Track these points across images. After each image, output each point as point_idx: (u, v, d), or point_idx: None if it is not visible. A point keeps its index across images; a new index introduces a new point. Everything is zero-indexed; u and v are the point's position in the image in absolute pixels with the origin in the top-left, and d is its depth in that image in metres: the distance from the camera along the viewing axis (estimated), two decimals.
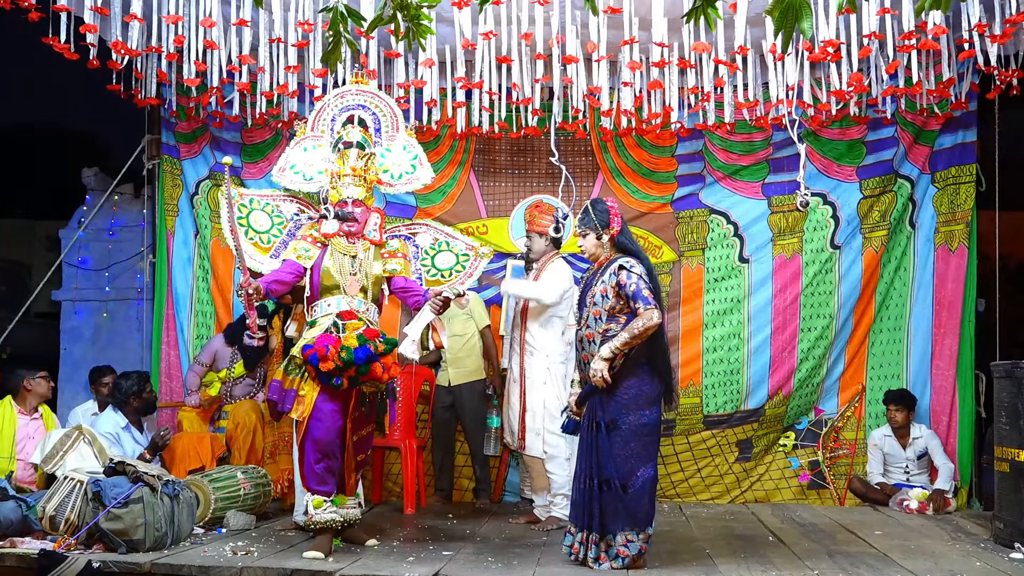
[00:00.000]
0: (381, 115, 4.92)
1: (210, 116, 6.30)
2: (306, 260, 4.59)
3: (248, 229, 4.80)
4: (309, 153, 4.83)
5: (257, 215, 4.84)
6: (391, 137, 4.92)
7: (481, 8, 4.82)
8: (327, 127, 4.86)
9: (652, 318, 4.03)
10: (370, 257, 4.64)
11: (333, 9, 3.18)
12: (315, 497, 4.39)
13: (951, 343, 6.38)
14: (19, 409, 5.45)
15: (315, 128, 4.87)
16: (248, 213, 4.81)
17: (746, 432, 6.51)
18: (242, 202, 4.82)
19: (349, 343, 4.30)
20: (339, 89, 4.98)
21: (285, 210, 4.90)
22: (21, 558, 4.13)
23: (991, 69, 5.31)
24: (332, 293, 4.56)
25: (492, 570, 4.09)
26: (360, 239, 4.63)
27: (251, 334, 6.03)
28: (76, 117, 24.26)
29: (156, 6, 5.35)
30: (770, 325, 6.50)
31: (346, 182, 4.64)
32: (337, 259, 4.58)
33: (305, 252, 4.60)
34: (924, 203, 6.49)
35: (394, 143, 4.92)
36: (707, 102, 5.96)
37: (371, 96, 4.93)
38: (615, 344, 4.06)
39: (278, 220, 4.87)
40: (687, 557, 4.38)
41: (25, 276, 14.01)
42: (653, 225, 6.66)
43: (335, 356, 4.26)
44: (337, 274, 4.55)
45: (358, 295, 4.57)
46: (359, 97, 4.90)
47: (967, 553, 4.56)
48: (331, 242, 4.61)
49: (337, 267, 4.56)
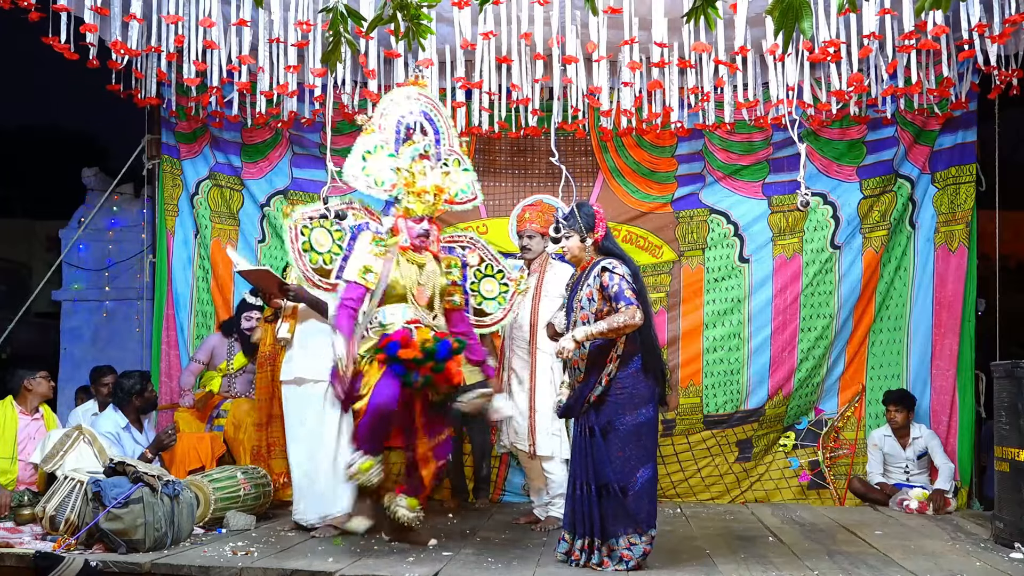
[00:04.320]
0: (440, 127, 4.88)
1: (210, 116, 6.30)
2: (371, 281, 4.50)
3: (312, 253, 4.68)
4: (378, 156, 4.69)
5: (317, 234, 4.70)
6: (449, 151, 4.88)
7: (481, 8, 4.83)
8: (393, 130, 4.75)
9: (634, 316, 4.00)
10: (435, 269, 4.64)
11: (333, 9, 3.18)
12: (367, 458, 4.31)
13: (951, 343, 6.38)
14: (20, 409, 5.45)
15: (380, 127, 4.73)
16: (310, 235, 4.68)
17: (746, 432, 6.51)
18: (303, 224, 4.68)
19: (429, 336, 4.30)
20: (405, 91, 4.87)
21: (344, 223, 4.79)
22: (20, 558, 4.13)
23: (991, 69, 5.31)
24: (399, 303, 4.54)
25: (492, 570, 4.09)
26: (426, 251, 4.61)
27: (248, 316, 6.08)
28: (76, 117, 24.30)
29: (156, 6, 5.35)
30: (770, 325, 6.50)
31: (425, 199, 4.57)
32: (405, 269, 4.55)
33: (367, 271, 4.52)
34: (924, 203, 6.49)
35: (451, 158, 4.87)
36: (707, 102, 5.96)
37: (432, 105, 4.90)
38: (591, 330, 4.03)
39: (337, 236, 4.75)
40: (687, 557, 4.38)
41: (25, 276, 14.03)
42: (653, 225, 6.66)
43: (418, 346, 4.23)
44: (406, 284, 4.53)
45: (424, 306, 4.56)
46: (423, 103, 4.85)
47: (967, 553, 4.56)
48: (400, 253, 4.56)
49: (405, 277, 4.54)
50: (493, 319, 5.01)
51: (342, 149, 6.42)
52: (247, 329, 6.13)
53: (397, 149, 4.71)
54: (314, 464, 4.99)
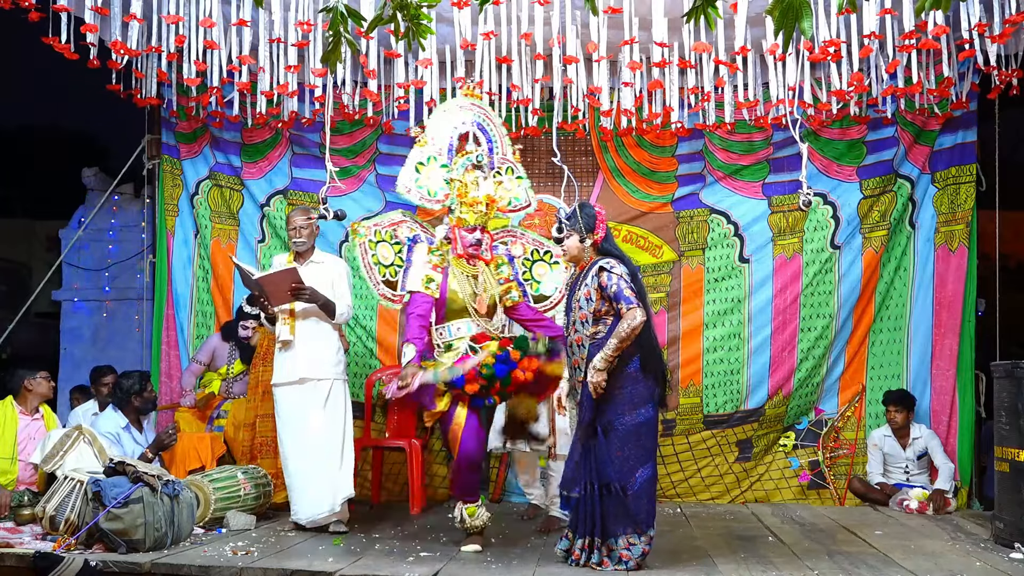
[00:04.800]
0: (492, 135, 4.90)
1: (210, 116, 6.30)
2: (435, 290, 4.59)
3: (379, 266, 4.78)
4: (431, 168, 4.76)
5: (382, 248, 4.80)
6: (502, 160, 4.90)
7: (481, 8, 4.82)
8: (446, 141, 4.80)
9: (636, 317, 4.01)
10: (488, 276, 4.67)
11: (333, 9, 3.18)
12: (469, 505, 4.52)
13: (951, 343, 6.38)
14: (20, 409, 5.45)
15: (432, 138, 4.80)
16: (375, 248, 4.78)
17: (746, 432, 6.51)
18: (369, 238, 4.77)
19: (486, 361, 4.36)
20: (457, 101, 4.93)
21: (400, 235, 4.84)
22: (20, 558, 4.12)
23: (991, 69, 5.31)
24: (460, 316, 4.59)
25: (492, 570, 4.09)
26: (479, 260, 4.66)
27: (245, 325, 6.09)
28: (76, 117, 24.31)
29: (156, 6, 5.35)
30: (770, 325, 6.50)
31: (478, 209, 4.61)
32: (460, 281, 4.60)
33: (430, 281, 4.60)
34: (924, 203, 6.49)
35: (503, 167, 4.89)
36: (707, 102, 5.96)
37: (485, 114, 4.92)
38: (607, 353, 4.04)
39: (397, 248, 4.82)
40: (687, 557, 4.38)
41: (25, 276, 14.03)
42: (653, 225, 6.66)
43: (476, 376, 4.33)
44: (464, 296, 4.57)
45: (485, 315, 4.60)
46: (477, 114, 4.87)
47: (967, 553, 4.56)
48: (454, 263, 4.62)
49: (463, 289, 4.58)
50: (553, 300, 4.99)
51: (342, 149, 6.47)
52: (244, 338, 6.15)
53: (450, 160, 4.76)
54: (311, 463, 4.98)
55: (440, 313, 4.61)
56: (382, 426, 6.36)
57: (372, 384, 6.28)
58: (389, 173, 6.74)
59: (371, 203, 6.72)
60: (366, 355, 6.62)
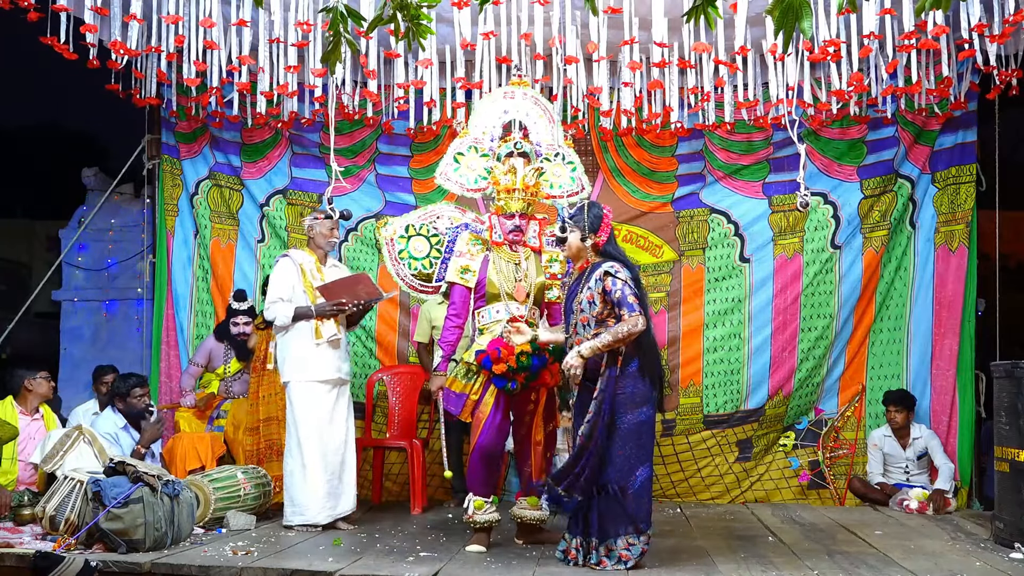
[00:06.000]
0: (542, 122, 4.91)
1: (210, 116, 6.30)
2: (470, 280, 4.63)
3: (410, 260, 4.85)
4: (470, 156, 4.83)
5: (415, 242, 4.87)
6: (551, 147, 4.91)
7: (481, 8, 4.82)
8: (488, 130, 4.85)
9: (637, 324, 4.00)
10: (532, 264, 4.68)
11: (333, 9, 3.18)
12: (477, 499, 4.54)
13: (951, 343, 6.38)
14: (20, 409, 5.45)
15: (474, 128, 4.86)
16: (407, 243, 4.86)
17: (746, 432, 6.51)
18: (400, 234, 4.85)
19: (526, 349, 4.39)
20: (501, 90, 4.97)
21: (440, 227, 4.90)
22: (21, 558, 4.12)
23: (990, 69, 5.31)
24: (499, 300, 4.60)
25: (492, 570, 4.09)
26: (523, 247, 4.67)
27: (236, 322, 6.12)
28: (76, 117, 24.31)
29: (156, 6, 5.35)
30: (770, 325, 6.50)
31: (516, 196, 4.63)
32: (500, 267, 4.61)
33: (466, 270, 4.64)
34: (924, 203, 6.49)
35: (552, 154, 4.91)
36: (707, 102, 5.96)
37: (533, 102, 4.92)
38: (596, 344, 4.03)
39: (435, 241, 4.88)
40: (687, 557, 4.37)
41: (25, 276, 14.04)
42: (653, 224, 6.66)
43: (509, 359, 4.36)
44: (504, 282, 4.59)
45: (525, 302, 4.61)
46: (521, 102, 4.89)
47: (967, 553, 4.56)
48: (495, 249, 4.64)
49: (503, 275, 4.60)
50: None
51: (342, 149, 6.47)
52: (237, 334, 6.15)
53: (492, 148, 4.81)
54: (324, 463, 5.06)
55: (480, 299, 4.65)
56: (382, 426, 6.36)
57: (372, 384, 6.28)
58: (389, 173, 6.76)
59: (371, 203, 6.72)
60: (366, 355, 6.62)
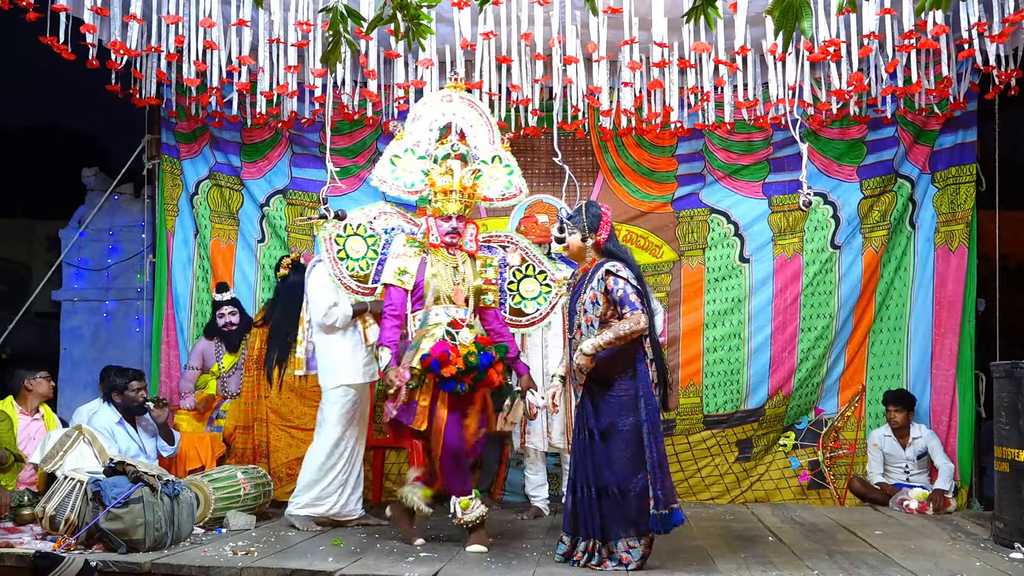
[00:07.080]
0: (479, 126, 4.90)
1: (210, 116, 6.30)
2: (407, 282, 4.60)
3: (348, 261, 4.80)
4: (407, 159, 4.81)
5: (352, 242, 4.82)
6: (487, 150, 4.90)
7: (481, 8, 4.82)
8: (425, 133, 4.84)
9: (639, 322, 4.01)
10: (468, 268, 4.68)
11: (333, 9, 3.18)
12: (462, 499, 4.51)
13: (951, 343, 6.38)
14: (20, 409, 5.45)
15: (411, 131, 4.84)
16: (344, 243, 4.80)
17: (746, 432, 6.51)
18: (338, 233, 4.81)
19: (473, 350, 4.38)
20: (439, 93, 4.96)
21: (378, 227, 4.87)
22: (20, 558, 4.13)
23: (990, 69, 5.31)
24: (437, 303, 4.59)
25: (492, 570, 4.09)
26: (459, 250, 4.67)
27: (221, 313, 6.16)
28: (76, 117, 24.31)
29: (156, 6, 5.35)
30: (770, 325, 6.50)
31: (453, 198, 4.62)
32: (439, 269, 4.60)
33: (403, 272, 4.61)
34: (924, 203, 6.49)
35: (489, 156, 4.89)
36: (707, 102, 5.96)
37: (470, 105, 4.91)
38: (598, 341, 4.04)
39: (371, 241, 4.85)
40: (687, 557, 4.38)
41: (25, 276, 14.03)
42: (653, 224, 6.66)
43: (457, 360, 4.33)
44: (442, 284, 4.58)
45: (463, 305, 4.61)
46: (459, 105, 4.88)
47: (967, 553, 4.56)
48: (432, 252, 4.63)
49: (440, 278, 4.59)
50: (531, 319, 5.03)
51: (342, 149, 6.47)
52: (224, 325, 6.18)
53: (428, 151, 4.79)
54: (331, 462, 5.11)
55: (417, 301, 4.62)
56: (382, 426, 6.35)
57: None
58: None
59: (370, 203, 6.68)
60: None
